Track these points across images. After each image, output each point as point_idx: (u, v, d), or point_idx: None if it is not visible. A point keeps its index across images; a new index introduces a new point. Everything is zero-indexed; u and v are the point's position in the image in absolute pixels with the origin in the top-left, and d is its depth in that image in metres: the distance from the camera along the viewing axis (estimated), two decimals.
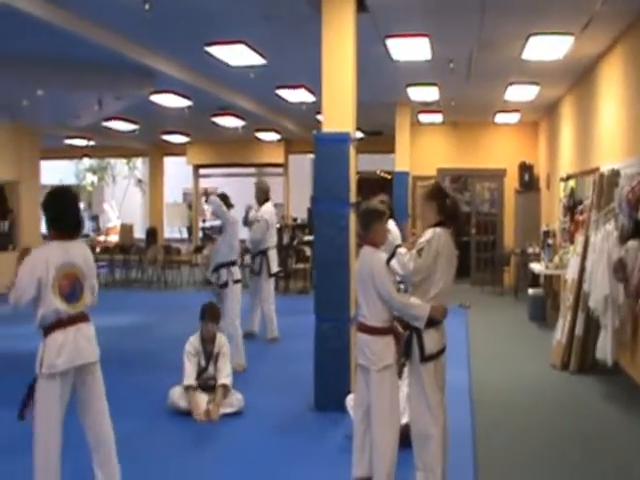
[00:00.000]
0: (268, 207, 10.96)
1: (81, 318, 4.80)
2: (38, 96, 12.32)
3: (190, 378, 7.41)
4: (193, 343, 7.58)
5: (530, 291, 13.05)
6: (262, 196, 10.98)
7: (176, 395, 7.42)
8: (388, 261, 5.16)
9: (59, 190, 5.14)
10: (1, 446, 6.39)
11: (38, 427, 4.65)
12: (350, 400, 6.44)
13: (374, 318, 5.15)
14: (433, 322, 5.01)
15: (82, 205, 5.55)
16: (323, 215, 7.45)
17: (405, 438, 5.23)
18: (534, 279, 14.17)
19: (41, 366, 4.62)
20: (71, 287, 4.72)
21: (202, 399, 7.35)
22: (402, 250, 5.17)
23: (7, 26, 8.60)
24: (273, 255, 11.11)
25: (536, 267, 13.33)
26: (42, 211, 4.96)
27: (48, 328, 4.67)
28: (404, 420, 5.44)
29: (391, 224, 8.91)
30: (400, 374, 5.58)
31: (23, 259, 4.76)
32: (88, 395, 4.84)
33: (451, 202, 5.23)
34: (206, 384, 7.48)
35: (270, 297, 11.06)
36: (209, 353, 7.56)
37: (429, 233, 5.08)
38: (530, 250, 15.42)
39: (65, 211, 4.88)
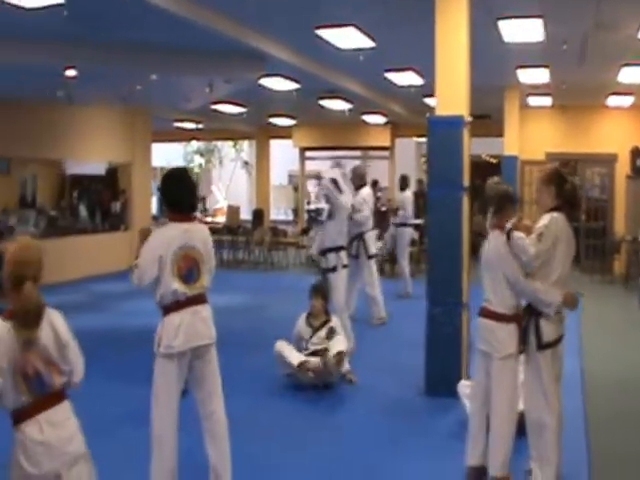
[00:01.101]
0: (366, 190, 11.00)
1: (198, 300, 4.88)
2: (151, 80, 12.63)
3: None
4: (300, 324, 8.01)
5: None
6: (358, 181, 10.99)
7: (279, 345, 7.82)
8: None
9: (176, 171, 5.26)
10: (121, 418, 6.65)
11: (155, 403, 4.80)
12: (462, 386, 6.41)
13: (499, 304, 5.06)
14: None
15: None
16: (437, 199, 7.41)
17: (520, 426, 5.14)
18: None
19: (159, 345, 4.76)
20: (189, 269, 4.80)
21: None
22: (518, 234, 5.05)
23: (123, 14, 8.84)
24: (370, 238, 11.12)
25: None
26: (160, 192, 5.05)
27: (166, 308, 4.78)
28: (519, 408, 5.36)
29: None
30: None
31: (144, 240, 4.83)
32: (203, 373, 4.94)
33: (570, 187, 5.12)
34: (312, 352, 7.79)
35: (372, 279, 11.09)
36: (315, 326, 7.95)
37: (547, 218, 4.99)
38: None
39: (183, 191, 4.94)
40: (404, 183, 14.50)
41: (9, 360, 3.26)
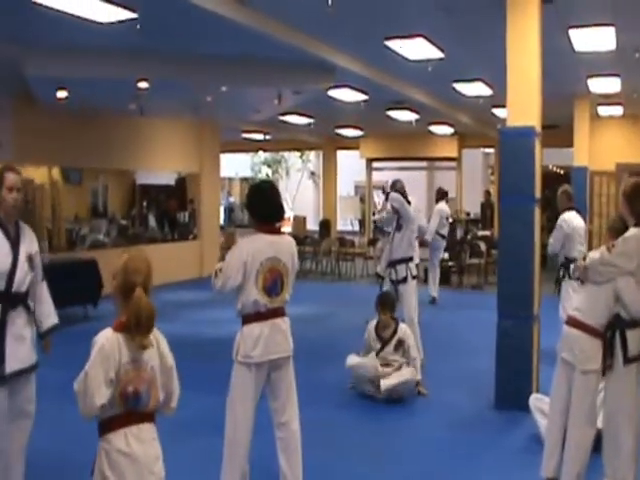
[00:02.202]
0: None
1: (278, 312, 4.96)
2: (221, 92, 12.78)
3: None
4: (370, 332, 8.01)
5: None
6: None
7: (351, 357, 7.94)
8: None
9: (263, 184, 5.38)
10: (190, 426, 6.70)
11: (231, 410, 4.89)
12: (534, 400, 6.32)
13: (590, 317, 4.88)
14: (637, 322, 4.78)
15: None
16: (508, 210, 7.35)
17: (596, 442, 5.00)
18: None
19: (237, 354, 4.85)
20: (273, 281, 4.88)
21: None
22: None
23: (194, 26, 8.97)
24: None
25: None
26: (246, 204, 5.13)
27: (246, 318, 4.87)
28: (597, 425, 5.15)
29: (573, 215, 8.74)
30: None
31: (228, 243, 4.95)
32: (279, 384, 5.02)
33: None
34: (385, 364, 7.79)
35: None
36: (384, 338, 7.90)
37: (629, 232, 4.80)
38: None
39: (271, 204, 5.02)
40: (438, 195, 14.68)
41: (116, 373, 3.23)
